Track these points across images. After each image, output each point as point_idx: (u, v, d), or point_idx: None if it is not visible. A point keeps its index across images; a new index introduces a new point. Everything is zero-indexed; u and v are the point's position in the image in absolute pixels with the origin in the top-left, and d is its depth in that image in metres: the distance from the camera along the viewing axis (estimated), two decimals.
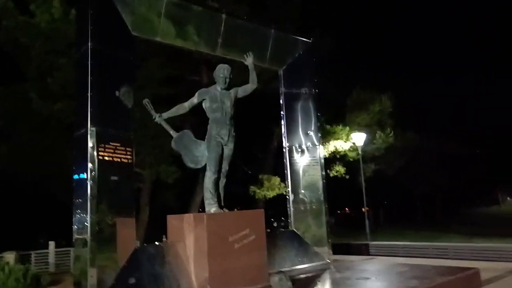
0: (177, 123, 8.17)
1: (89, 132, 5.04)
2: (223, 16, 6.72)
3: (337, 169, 16.21)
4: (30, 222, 20.23)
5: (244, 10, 11.27)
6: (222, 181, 6.32)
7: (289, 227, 7.46)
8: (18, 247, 11.52)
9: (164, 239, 13.77)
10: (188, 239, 5.70)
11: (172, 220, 6.17)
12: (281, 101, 7.74)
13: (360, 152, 15.54)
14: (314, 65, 7.85)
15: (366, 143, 15.94)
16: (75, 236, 5.17)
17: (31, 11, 11.53)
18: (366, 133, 15.76)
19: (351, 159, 16.38)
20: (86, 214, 4.93)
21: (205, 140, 6.28)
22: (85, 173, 5.00)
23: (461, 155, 25.61)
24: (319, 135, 7.74)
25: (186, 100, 6.37)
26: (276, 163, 19.65)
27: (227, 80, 6.15)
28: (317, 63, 7.85)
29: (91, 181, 4.96)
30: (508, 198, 51.50)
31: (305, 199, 7.49)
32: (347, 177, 16.63)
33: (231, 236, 5.71)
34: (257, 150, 19.59)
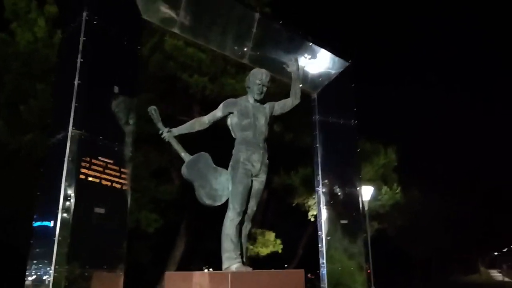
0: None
1: (69, 136, 3.31)
2: (257, 15, 5.31)
3: None
4: None
5: None
6: (247, 227, 4.54)
7: None
8: None
9: None
10: None
11: (173, 279, 4.27)
12: (315, 132, 6.21)
13: (366, 208, 13.96)
14: (353, 91, 6.47)
15: (370, 199, 14.44)
16: None
17: (11, 30, 10.19)
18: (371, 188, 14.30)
19: None
20: (49, 261, 3.09)
21: (229, 167, 4.50)
22: (55, 199, 3.22)
23: (457, 219, 24.49)
24: (360, 176, 6.18)
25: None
26: (265, 216, 17.85)
27: (265, 89, 4.58)
28: (356, 90, 6.48)
29: (63, 212, 3.17)
30: (482, 268, 51.35)
31: (343, 257, 5.77)
32: None
33: None
34: None
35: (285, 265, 19.31)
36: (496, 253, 48.45)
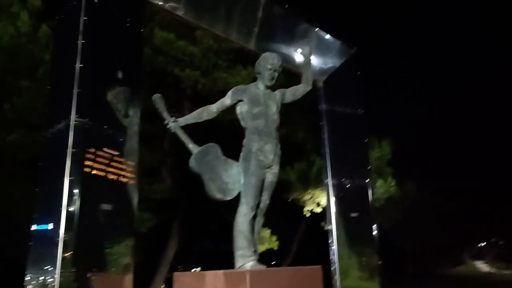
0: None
1: (71, 125, 2.97)
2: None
3: None
4: None
5: None
6: (259, 222, 4.26)
7: None
8: None
9: None
10: None
11: (182, 280, 3.97)
12: (322, 123, 5.96)
13: None
14: (359, 79, 6.25)
15: None
16: None
17: None
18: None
19: None
20: (53, 265, 2.77)
21: (240, 159, 4.19)
22: (58, 196, 2.89)
23: (448, 213, 24.64)
24: (369, 167, 5.96)
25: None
26: None
27: (276, 75, 4.28)
28: (362, 78, 6.25)
29: (68, 210, 2.84)
30: (468, 260, 52.54)
31: (354, 253, 5.55)
32: None
33: None
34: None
35: (273, 262, 18.96)
36: (481, 244, 49.22)
